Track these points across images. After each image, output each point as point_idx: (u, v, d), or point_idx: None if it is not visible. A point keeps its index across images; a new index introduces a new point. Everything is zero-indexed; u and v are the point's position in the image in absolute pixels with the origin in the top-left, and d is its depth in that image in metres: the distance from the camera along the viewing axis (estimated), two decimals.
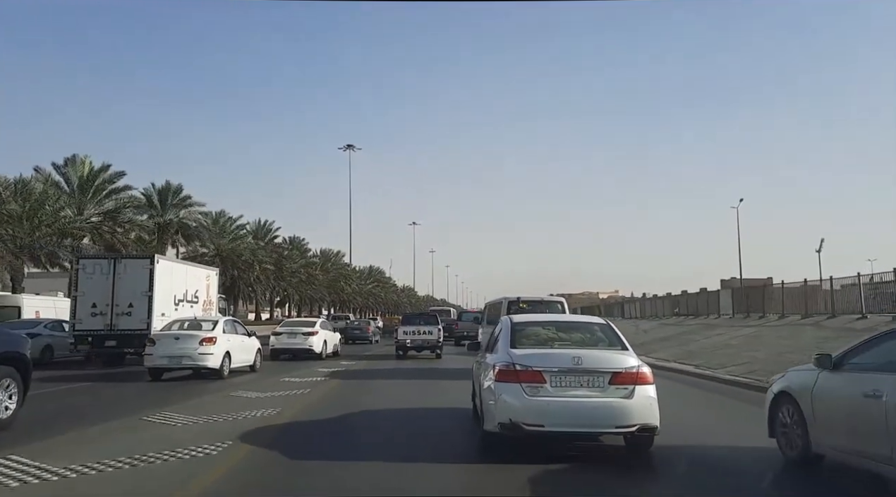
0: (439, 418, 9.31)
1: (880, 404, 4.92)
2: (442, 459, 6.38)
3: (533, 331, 7.12)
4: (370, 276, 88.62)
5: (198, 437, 7.21)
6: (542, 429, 6.02)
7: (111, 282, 18.26)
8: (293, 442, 7.30)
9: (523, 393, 6.08)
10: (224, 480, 5.57)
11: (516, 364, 6.24)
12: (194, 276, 21.38)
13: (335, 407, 10.05)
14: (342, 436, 7.77)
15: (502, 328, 7.39)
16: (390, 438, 7.65)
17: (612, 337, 7.02)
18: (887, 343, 5.47)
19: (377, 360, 22.00)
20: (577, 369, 6.15)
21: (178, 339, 14.56)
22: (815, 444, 5.78)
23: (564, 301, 17.02)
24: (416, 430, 8.26)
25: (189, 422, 8.38)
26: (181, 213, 40.15)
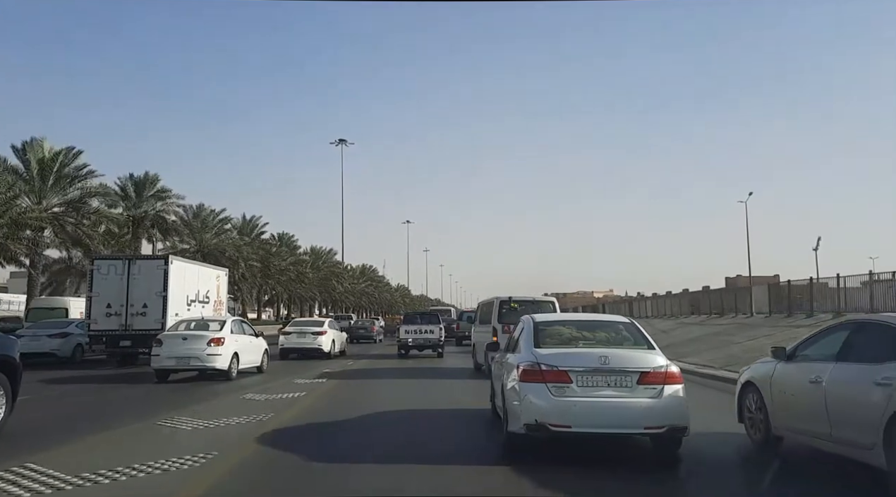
0: (455, 418, 9.36)
1: (820, 389, 5.76)
2: (467, 461, 6.37)
3: (556, 330, 7.06)
4: (363, 274, 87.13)
5: (210, 443, 7.04)
6: (568, 430, 5.95)
7: (125, 282, 18.51)
8: (308, 445, 7.09)
9: (549, 393, 6.01)
10: (235, 482, 5.68)
11: (541, 364, 6.17)
12: (205, 277, 21.63)
13: (349, 408, 10.00)
14: (359, 437, 7.78)
15: (524, 327, 7.33)
16: (412, 439, 7.61)
17: (638, 336, 6.94)
18: (828, 337, 6.35)
19: (382, 359, 22.16)
20: (603, 369, 6.08)
21: (185, 339, 14.42)
22: (775, 428, 6.58)
23: (555, 301, 17.04)
24: (435, 431, 8.29)
25: (199, 426, 8.17)
26: (158, 206, 37.77)
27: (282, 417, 9.00)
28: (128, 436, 7.75)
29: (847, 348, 5.84)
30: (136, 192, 37.52)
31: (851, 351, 5.77)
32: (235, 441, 7.31)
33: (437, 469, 6.11)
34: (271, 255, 50.53)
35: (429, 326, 23.08)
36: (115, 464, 5.86)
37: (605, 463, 6.37)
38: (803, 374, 6.14)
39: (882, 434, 4.95)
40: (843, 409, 5.49)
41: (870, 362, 5.37)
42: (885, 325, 5.73)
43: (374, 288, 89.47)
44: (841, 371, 5.65)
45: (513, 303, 15.95)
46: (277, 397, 11.23)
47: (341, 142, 60.75)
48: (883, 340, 5.51)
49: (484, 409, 9.34)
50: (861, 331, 5.96)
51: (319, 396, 11.88)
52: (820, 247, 47.32)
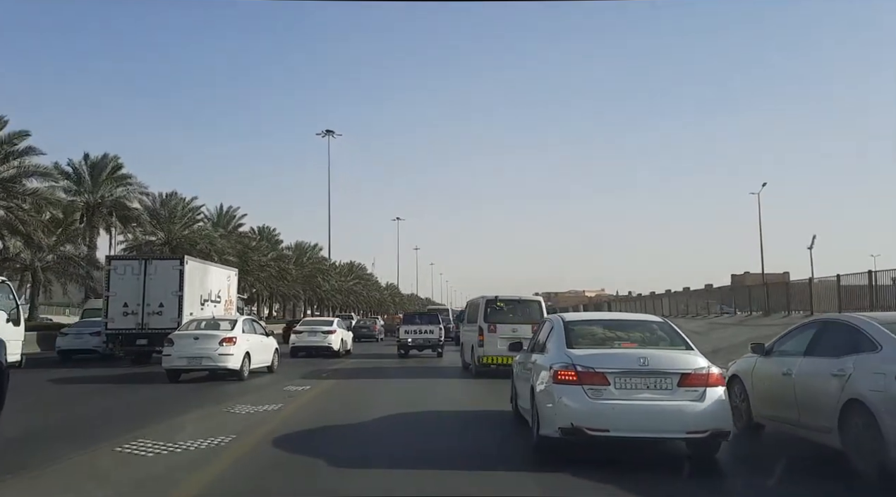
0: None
1: (791, 380, 6.59)
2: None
3: (588, 329, 6.96)
4: (351, 272, 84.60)
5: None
6: (606, 434, 5.79)
7: (142, 282, 19.03)
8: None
9: (585, 395, 5.88)
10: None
11: (577, 365, 6.03)
12: (217, 276, 22.24)
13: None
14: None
15: (553, 327, 7.20)
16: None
17: (674, 336, 6.80)
18: (800, 334, 7.20)
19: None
20: (642, 370, 5.95)
21: (197, 339, 14.28)
22: (756, 416, 7.46)
23: (542, 300, 16.82)
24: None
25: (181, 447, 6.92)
26: (118, 192, 33.94)
27: (295, 420, 8.91)
28: (85, 464, 6.34)
29: (814, 344, 6.71)
30: (91, 176, 33.18)
31: (817, 346, 6.63)
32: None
33: (467, 475, 5.91)
34: (250, 249, 46.66)
35: (429, 326, 23.38)
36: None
37: (640, 466, 6.17)
38: (778, 367, 6.97)
39: (837, 419, 5.74)
40: (808, 398, 6.29)
41: (830, 356, 6.20)
42: (844, 323, 6.57)
43: (362, 286, 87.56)
44: (807, 364, 6.46)
45: (499, 302, 15.84)
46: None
47: (328, 133, 59.11)
48: (841, 337, 6.33)
49: (497, 410, 9.47)
50: (825, 328, 6.83)
51: (337, 396, 12.44)
52: (815, 245, 46.96)
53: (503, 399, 9.97)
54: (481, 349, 15.45)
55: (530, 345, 8.28)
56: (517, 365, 8.65)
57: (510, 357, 14.14)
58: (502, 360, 14.67)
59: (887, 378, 5.35)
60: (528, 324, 14.80)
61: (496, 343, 15.01)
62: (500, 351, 14.81)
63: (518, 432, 7.81)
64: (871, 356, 5.74)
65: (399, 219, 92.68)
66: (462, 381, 15.57)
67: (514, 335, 14.40)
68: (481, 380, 15.02)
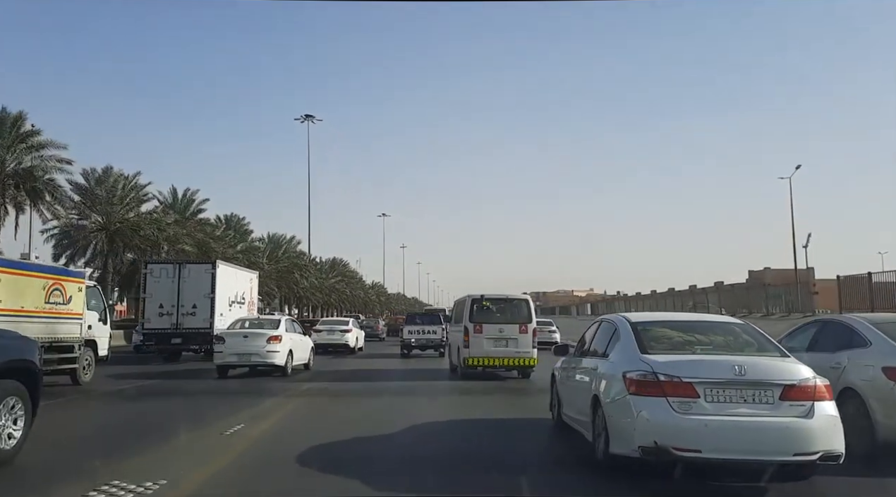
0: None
1: None
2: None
3: (661, 332, 6.25)
4: (333, 269, 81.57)
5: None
6: (697, 455, 5.09)
7: (176, 284, 20.67)
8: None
9: (671, 409, 5.21)
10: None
11: (659, 373, 5.37)
12: (242, 279, 23.95)
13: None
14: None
15: (617, 329, 6.53)
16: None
17: (763, 340, 6.15)
18: (803, 332, 8.27)
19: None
20: (738, 381, 5.28)
21: (246, 337, 15.65)
22: None
23: (530, 299, 16.38)
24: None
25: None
26: (27, 160, 28.79)
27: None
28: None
29: (814, 341, 7.77)
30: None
31: (817, 343, 7.69)
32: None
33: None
34: (212, 238, 41.03)
35: (431, 327, 23.99)
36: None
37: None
38: None
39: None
40: None
41: (828, 352, 7.25)
42: (839, 322, 7.72)
43: (345, 284, 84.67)
44: (809, 359, 6.79)
45: (485, 301, 15.44)
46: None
47: (307, 117, 56.48)
48: (838, 335, 7.42)
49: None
50: (824, 327, 7.96)
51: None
52: (810, 243, 44.90)
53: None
54: (467, 350, 15.00)
55: (578, 348, 7.80)
56: (561, 370, 8.21)
57: (497, 358, 14.78)
58: (489, 361, 14.81)
59: (875, 370, 6.56)
60: (515, 324, 14.94)
61: (482, 344, 14.85)
62: (486, 352, 14.81)
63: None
64: (862, 351, 6.94)
65: (385, 215, 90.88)
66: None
67: (500, 335, 14.76)
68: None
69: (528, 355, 14.95)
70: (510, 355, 14.93)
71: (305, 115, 56.79)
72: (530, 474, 6.11)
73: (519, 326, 15.01)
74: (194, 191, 44.87)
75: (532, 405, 10.47)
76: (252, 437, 8.00)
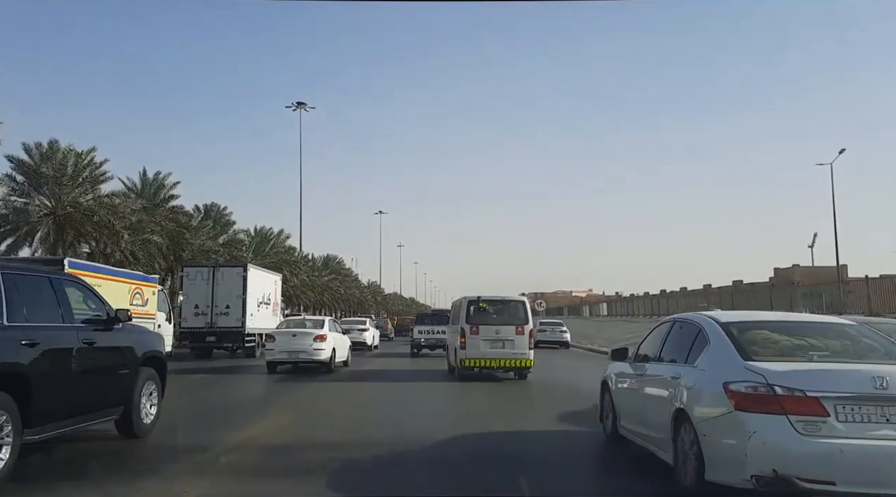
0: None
1: None
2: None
3: (761, 335, 5.41)
4: (326, 266, 78.58)
5: None
6: (831, 488, 4.33)
7: (211, 286, 22.20)
8: None
9: (794, 430, 4.44)
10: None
11: (776, 385, 4.57)
12: (268, 281, 25.49)
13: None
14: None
15: (703, 331, 5.63)
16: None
17: (889, 346, 5.34)
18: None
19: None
20: (880, 397, 4.47)
21: (294, 336, 17.15)
22: None
23: (527, 301, 16.45)
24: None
25: None
26: None
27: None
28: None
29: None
30: None
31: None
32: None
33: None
34: (185, 228, 36.79)
35: (440, 327, 24.16)
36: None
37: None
38: None
39: None
40: None
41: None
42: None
43: (339, 283, 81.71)
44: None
45: (482, 303, 15.60)
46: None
47: (299, 105, 53.72)
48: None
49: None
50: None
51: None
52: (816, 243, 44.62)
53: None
54: (463, 352, 15.21)
55: (636, 352, 7.01)
56: (617, 377, 7.35)
57: (493, 359, 15.01)
58: (485, 362, 15.07)
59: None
60: (512, 325, 15.14)
61: (479, 345, 15.07)
62: (483, 353, 15.04)
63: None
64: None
65: (381, 212, 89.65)
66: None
67: (497, 337, 15.00)
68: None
69: (525, 357, 15.13)
70: (506, 357, 15.09)
71: (297, 103, 53.93)
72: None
73: (515, 328, 15.18)
74: (165, 174, 39.21)
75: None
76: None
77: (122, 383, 7.48)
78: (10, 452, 5.64)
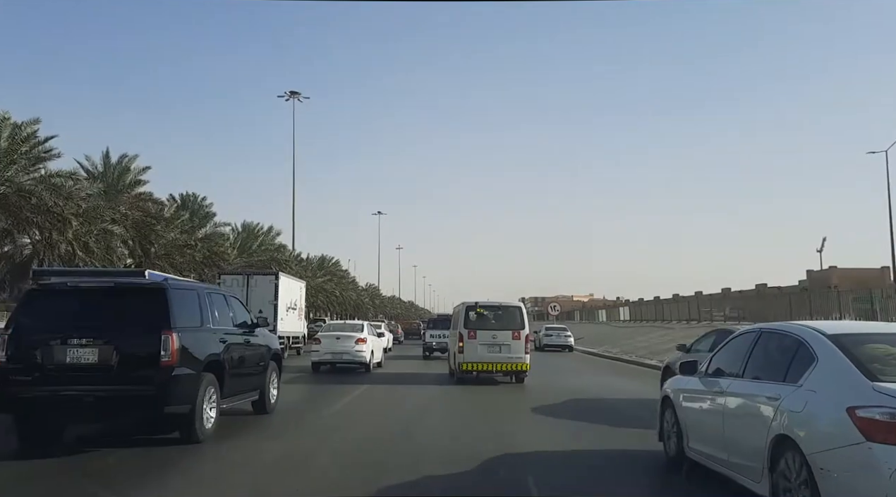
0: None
1: None
2: None
3: (882, 350, 4.79)
4: (321, 268, 76.67)
5: None
6: None
7: (245, 292, 24.41)
8: None
9: None
10: None
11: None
12: (295, 288, 27.73)
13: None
14: None
15: (806, 344, 5.04)
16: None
17: None
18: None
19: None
20: None
21: (338, 338, 19.22)
22: None
23: (523, 307, 17.10)
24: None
25: None
26: None
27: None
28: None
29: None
30: None
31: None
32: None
33: None
34: (155, 218, 33.13)
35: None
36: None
37: None
38: None
39: None
40: None
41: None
42: None
43: (335, 284, 79.76)
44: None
45: (479, 308, 16.39)
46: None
47: (293, 95, 51.56)
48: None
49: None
50: None
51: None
52: (825, 247, 43.38)
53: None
54: (461, 355, 15.96)
55: (708, 364, 6.49)
56: (685, 393, 6.77)
57: (490, 363, 15.80)
58: (483, 366, 15.86)
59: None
60: (508, 330, 15.93)
61: (476, 349, 15.84)
62: (480, 357, 15.80)
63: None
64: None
65: (380, 213, 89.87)
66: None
67: (494, 341, 15.78)
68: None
69: (521, 361, 15.91)
70: (503, 361, 15.87)
71: (290, 92, 51.63)
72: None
73: (512, 333, 15.93)
74: (132, 157, 34.89)
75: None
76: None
77: (261, 372, 10.16)
78: (216, 414, 8.38)
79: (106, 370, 7.43)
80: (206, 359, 8.16)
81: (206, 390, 8.11)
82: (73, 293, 8.08)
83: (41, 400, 7.47)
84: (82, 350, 7.44)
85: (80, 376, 7.45)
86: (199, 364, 8.01)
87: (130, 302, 7.93)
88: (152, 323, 7.54)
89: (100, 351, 7.44)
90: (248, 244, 52.60)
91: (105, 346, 7.45)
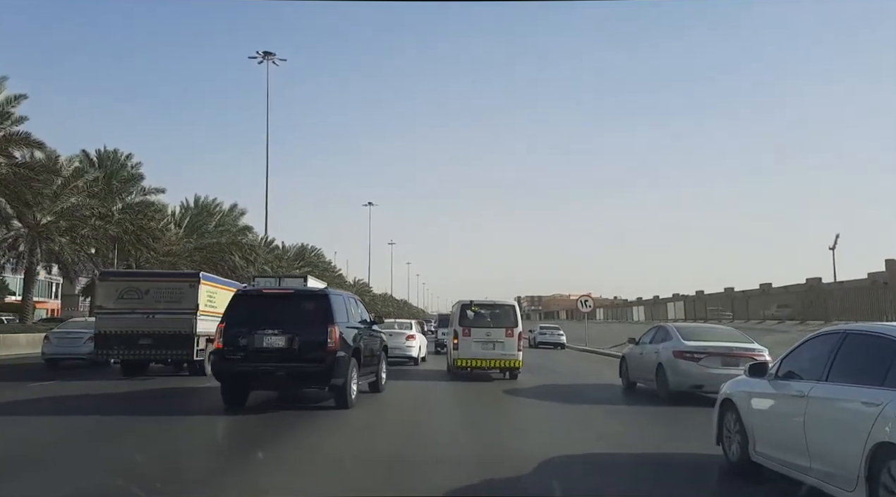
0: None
1: None
2: None
3: None
4: (301, 257, 69.97)
5: None
6: None
7: None
8: None
9: None
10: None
11: None
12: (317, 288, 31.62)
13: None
14: None
15: None
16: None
17: None
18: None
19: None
20: None
21: (390, 336, 18.99)
22: None
23: (517, 305, 17.92)
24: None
25: None
26: None
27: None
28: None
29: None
30: None
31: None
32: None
33: None
34: (34, 173, 26.31)
35: None
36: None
37: None
38: None
39: None
40: None
41: None
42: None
43: (317, 276, 68.85)
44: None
45: (474, 306, 17.16)
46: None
47: (266, 56, 46.39)
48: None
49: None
50: None
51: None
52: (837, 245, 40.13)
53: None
54: (456, 352, 16.98)
55: (778, 367, 6.34)
56: (751, 396, 6.58)
57: (484, 359, 16.70)
58: (477, 362, 16.69)
59: None
60: (502, 328, 16.76)
61: (471, 346, 16.71)
62: (474, 354, 16.69)
63: None
64: None
65: (371, 204, 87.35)
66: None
67: (487, 339, 16.64)
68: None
69: (514, 358, 16.77)
70: (497, 357, 16.73)
71: (264, 53, 46.66)
72: None
73: (505, 331, 16.79)
74: (11, 97, 27.80)
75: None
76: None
77: (378, 359, 13.18)
78: (356, 389, 11.30)
79: (290, 352, 10.33)
80: (353, 346, 11.08)
81: (353, 369, 11.01)
82: (265, 297, 11.44)
83: (247, 373, 10.47)
84: (274, 338, 10.38)
85: (272, 356, 10.34)
86: (350, 349, 10.88)
87: (304, 303, 11.04)
88: (321, 319, 10.49)
89: (286, 339, 10.36)
90: (200, 223, 45.49)
91: (289, 335, 10.37)
